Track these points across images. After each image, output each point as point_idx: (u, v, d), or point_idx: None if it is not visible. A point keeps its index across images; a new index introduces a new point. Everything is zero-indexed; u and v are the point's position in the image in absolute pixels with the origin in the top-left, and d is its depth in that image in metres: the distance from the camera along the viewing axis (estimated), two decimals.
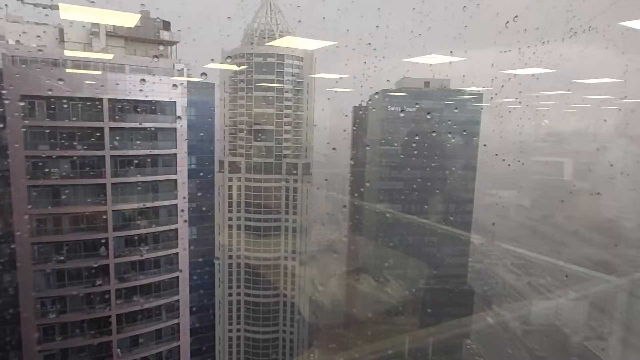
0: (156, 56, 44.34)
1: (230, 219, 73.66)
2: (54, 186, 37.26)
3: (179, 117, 42.46)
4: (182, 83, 42.91)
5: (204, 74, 44.98)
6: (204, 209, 46.95)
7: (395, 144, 74.42)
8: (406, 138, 73.92)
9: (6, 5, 39.37)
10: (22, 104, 36.11)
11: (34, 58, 38.29)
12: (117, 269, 39.70)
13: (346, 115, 76.01)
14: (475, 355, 78.80)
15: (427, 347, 73.29)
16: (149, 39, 44.22)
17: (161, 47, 44.82)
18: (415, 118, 75.33)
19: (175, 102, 42.11)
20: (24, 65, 37.49)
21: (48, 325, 37.77)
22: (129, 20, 29.18)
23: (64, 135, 37.44)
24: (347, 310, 75.80)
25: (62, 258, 37.35)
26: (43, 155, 36.76)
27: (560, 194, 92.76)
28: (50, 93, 36.48)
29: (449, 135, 74.63)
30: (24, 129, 36.18)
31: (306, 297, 77.94)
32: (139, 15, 40.68)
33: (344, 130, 73.89)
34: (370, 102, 76.54)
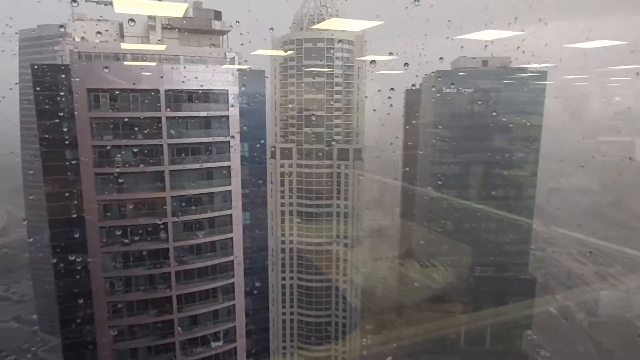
0: (212, 45, 45.47)
1: (282, 204, 75.09)
2: (118, 174, 39.61)
3: (232, 105, 43.40)
4: (233, 71, 43.66)
5: (244, 63, 45.42)
6: (256, 195, 47.83)
7: (451, 127, 71.67)
8: (462, 120, 70.92)
9: (72, 4, 41.90)
10: (88, 97, 38.50)
11: (97, 53, 40.63)
12: (176, 252, 41.75)
13: (398, 99, 74.07)
14: (537, 346, 75.30)
15: (484, 336, 71.19)
16: (202, 29, 45.28)
17: (213, 37, 45.82)
18: (472, 99, 71.85)
19: (227, 90, 43.01)
20: (88, 61, 39.83)
21: (116, 303, 40.65)
22: (181, 10, 30.08)
23: (126, 125, 39.57)
24: (400, 297, 75.16)
25: (126, 241, 39.87)
26: (107, 145, 39.20)
27: (632, 177, 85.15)
28: (112, 86, 38.59)
29: (509, 116, 70.63)
30: (90, 121, 38.64)
31: (357, 282, 78.17)
32: (189, 6, 41.98)
33: (396, 114, 72.19)
34: (423, 84, 74.02)
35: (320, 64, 74.31)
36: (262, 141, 48.92)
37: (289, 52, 72.84)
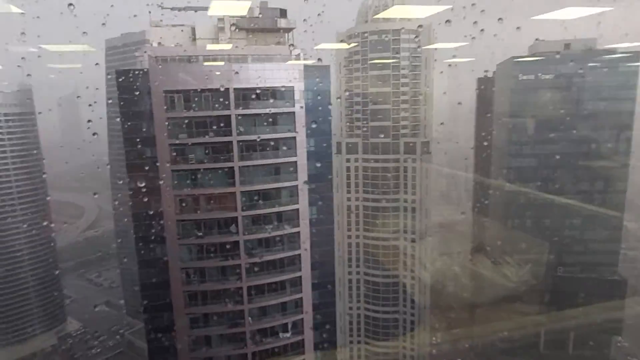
0: (278, 42, 46.30)
1: (348, 199, 74.96)
2: (192, 170, 41.80)
3: (297, 101, 43.90)
4: (299, 68, 44.09)
5: (309, 58, 45.55)
6: (322, 189, 48.06)
7: (529, 116, 66.87)
8: (542, 109, 65.87)
9: (150, 12, 44.80)
10: (165, 98, 40.94)
11: (172, 57, 43.02)
12: (246, 245, 43.27)
13: (469, 88, 70.56)
14: (628, 354, 68.44)
15: (567, 340, 66.17)
16: (268, 28, 46.21)
17: (278, 35, 46.60)
18: (553, 85, 66.42)
19: (293, 87, 43.56)
20: (165, 64, 42.29)
21: (191, 292, 43.10)
22: (247, 10, 30.80)
23: (198, 123, 41.59)
24: (471, 295, 71.99)
25: (200, 234, 42.03)
26: (182, 143, 41.48)
27: None
28: (186, 87, 40.70)
29: (596, 104, 64.47)
30: (167, 121, 41.09)
31: (425, 279, 76.07)
32: (255, 6, 42.91)
33: (467, 104, 68.89)
34: (497, 71, 69.79)
35: (385, 56, 72.85)
36: (328, 136, 49.00)
37: (353, 45, 72.17)
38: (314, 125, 45.69)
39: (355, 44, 73.31)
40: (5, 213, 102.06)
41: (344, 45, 73.63)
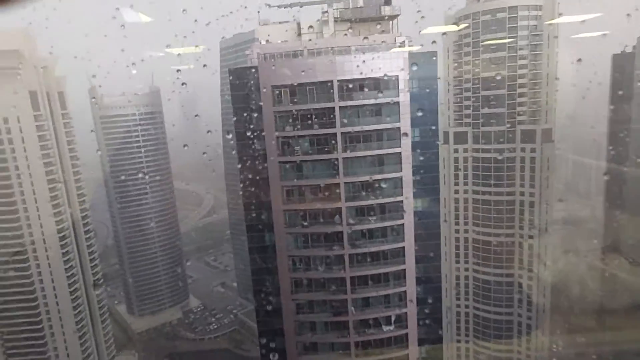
0: (382, 31, 45.38)
1: (456, 191, 70.81)
2: (297, 162, 43.08)
3: (402, 91, 42.61)
4: (403, 56, 42.68)
5: (415, 45, 43.51)
6: (428, 181, 46.20)
7: None
8: None
9: (258, 11, 46.99)
10: (272, 93, 42.68)
11: (279, 53, 44.55)
12: (349, 236, 43.50)
13: (601, 66, 61.76)
14: None
15: None
16: (371, 17, 45.43)
17: (383, 23, 45.56)
18: None
19: (397, 75, 42.37)
20: (272, 60, 43.99)
21: (297, 279, 44.68)
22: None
23: (303, 116, 42.62)
24: (602, 298, 63.73)
25: (305, 224, 43.24)
26: (288, 136, 42.92)
27: None
28: (292, 81, 41.90)
29: None
30: (274, 114, 42.82)
31: (546, 279, 69.05)
32: None
33: (598, 85, 60.35)
34: (638, 46, 60.09)
35: (500, 36, 66.93)
36: (434, 126, 46.86)
37: (463, 27, 67.54)
38: (419, 115, 44.03)
39: (466, 25, 68.56)
40: (139, 201, 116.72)
41: (453, 28, 69.30)
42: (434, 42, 42.97)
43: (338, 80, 41.56)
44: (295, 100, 42.46)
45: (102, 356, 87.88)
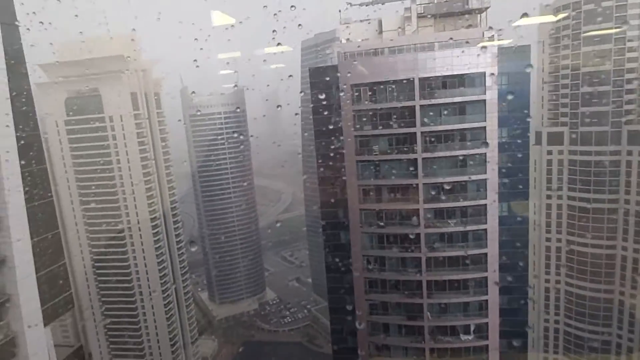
0: (469, 25, 43.30)
1: (548, 196, 64.97)
2: (375, 161, 42.47)
3: (489, 88, 40.26)
4: (492, 51, 40.24)
5: (505, 39, 40.53)
6: (516, 184, 43.15)
7: None
8: None
9: (340, 10, 47.04)
10: (352, 91, 42.50)
11: (359, 51, 44.26)
12: (427, 239, 41.97)
13: None
14: None
15: None
16: (457, 11, 43.41)
17: (470, 17, 43.34)
18: None
19: (484, 72, 40.14)
20: (352, 59, 43.83)
21: (372, 279, 44.11)
22: None
23: (382, 115, 41.90)
24: None
25: (381, 224, 42.52)
26: (367, 135, 42.47)
27: None
28: (371, 79, 41.40)
29: None
30: (353, 113, 42.60)
31: None
32: None
33: None
34: None
35: (606, 27, 60.25)
36: (525, 125, 43.65)
37: (561, 17, 61.85)
38: (508, 113, 41.26)
39: (565, 15, 62.76)
40: (222, 196, 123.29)
41: (550, 18, 63.74)
42: (521, 36, 39.82)
43: (420, 78, 40.27)
44: (374, 98, 41.91)
45: (185, 337, 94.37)
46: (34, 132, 26.47)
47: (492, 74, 39.86)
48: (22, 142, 24.15)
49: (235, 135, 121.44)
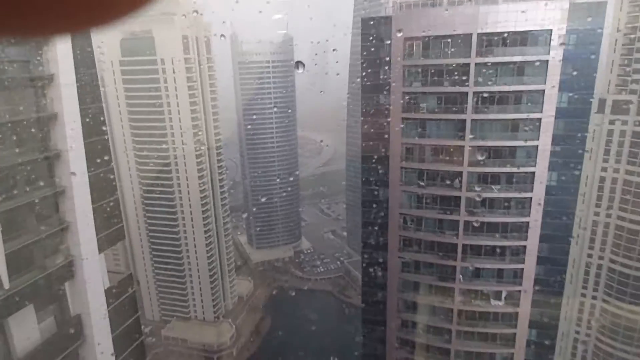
0: None
1: (604, 169, 60.81)
2: (421, 120, 41.30)
3: (554, 47, 37.43)
4: (562, 6, 37.00)
5: None
6: (570, 154, 40.92)
7: None
8: None
9: None
10: (403, 45, 40.76)
11: (416, 2, 41.95)
12: (467, 202, 41.18)
13: None
14: None
15: None
16: None
17: None
18: None
19: (551, 29, 37.20)
20: (408, 10, 41.73)
21: (406, 238, 44.27)
22: None
23: (434, 72, 40.16)
24: None
25: (422, 184, 42.00)
26: (415, 92, 41.08)
27: None
28: (427, 33, 39.36)
29: None
30: (403, 68, 41.07)
31: None
32: None
33: None
34: None
35: None
36: (589, 91, 40.63)
37: None
38: (571, 76, 38.45)
39: None
40: (265, 144, 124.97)
41: None
42: None
43: (479, 34, 37.89)
44: (427, 54, 40.10)
45: (224, 276, 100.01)
46: (91, 71, 27.46)
47: (560, 32, 36.85)
48: (80, 80, 25.22)
49: (282, 83, 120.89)
